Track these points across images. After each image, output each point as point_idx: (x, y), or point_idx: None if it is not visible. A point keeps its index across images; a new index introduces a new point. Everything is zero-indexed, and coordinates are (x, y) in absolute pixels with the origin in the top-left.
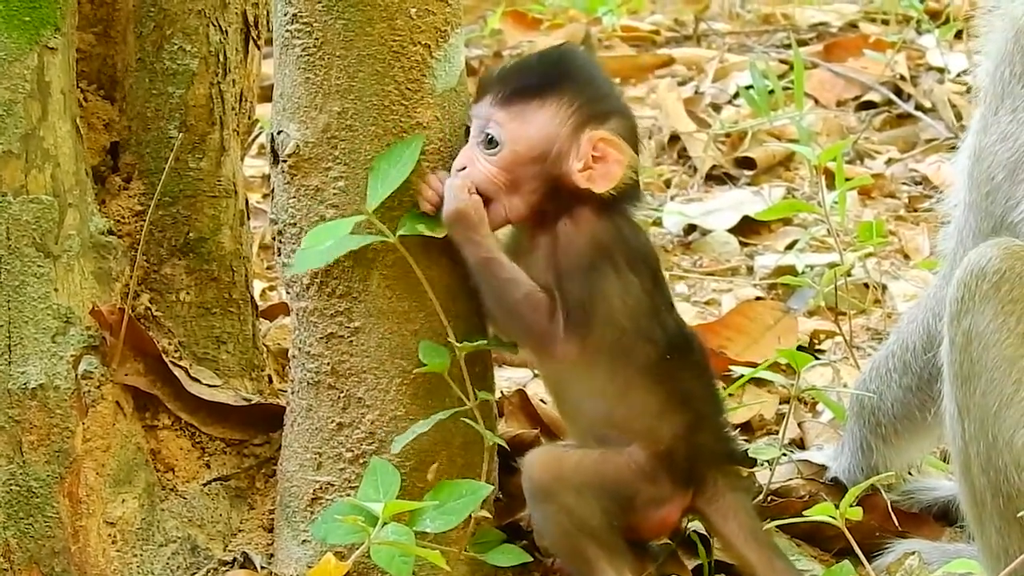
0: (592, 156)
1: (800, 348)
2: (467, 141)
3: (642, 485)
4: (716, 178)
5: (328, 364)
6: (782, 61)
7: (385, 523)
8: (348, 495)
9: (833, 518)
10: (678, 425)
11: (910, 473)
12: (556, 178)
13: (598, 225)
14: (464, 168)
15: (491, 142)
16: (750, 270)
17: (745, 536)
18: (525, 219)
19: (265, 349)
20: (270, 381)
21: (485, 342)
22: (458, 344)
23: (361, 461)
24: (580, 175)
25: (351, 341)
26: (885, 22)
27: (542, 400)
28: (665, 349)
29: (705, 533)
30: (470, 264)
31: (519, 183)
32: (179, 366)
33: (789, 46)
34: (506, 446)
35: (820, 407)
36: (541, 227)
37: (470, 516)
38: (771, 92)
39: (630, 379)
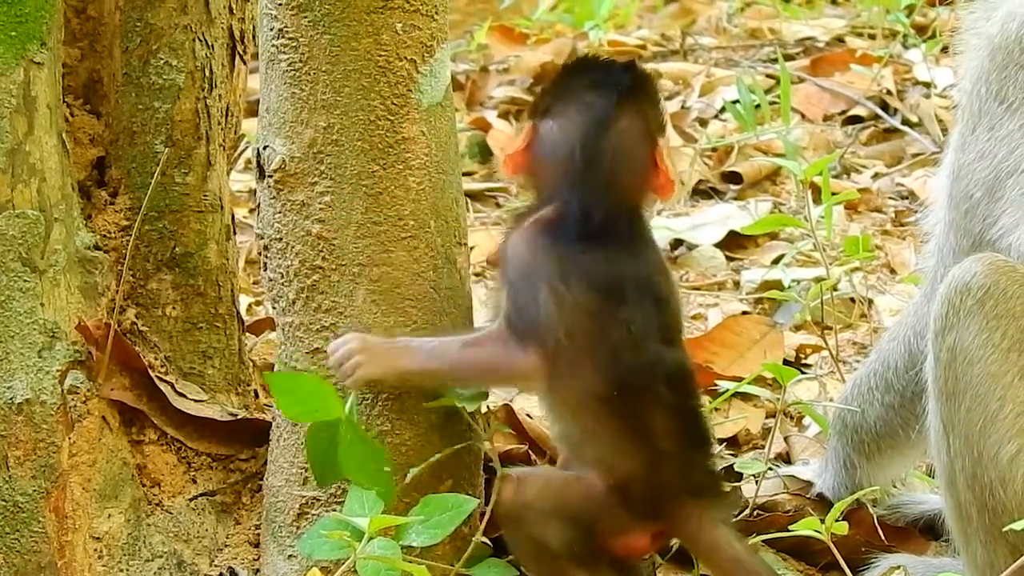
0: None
1: (786, 362)
2: None
3: (602, 512)
4: (703, 192)
5: None
6: (769, 76)
7: (371, 538)
8: (334, 510)
9: (819, 532)
10: (634, 460)
11: (895, 487)
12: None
13: (537, 236)
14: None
15: None
16: (736, 284)
17: (729, 564)
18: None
19: (251, 364)
20: (256, 396)
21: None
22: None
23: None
24: (504, 155)
25: None
26: (872, 37)
27: (528, 415)
28: (623, 379)
29: None
30: (416, 377)
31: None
32: (165, 381)
33: (776, 61)
34: (497, 462)
35: (806, 421)
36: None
37: (456, 530)
38: (757, 106)
39: (584, 404)
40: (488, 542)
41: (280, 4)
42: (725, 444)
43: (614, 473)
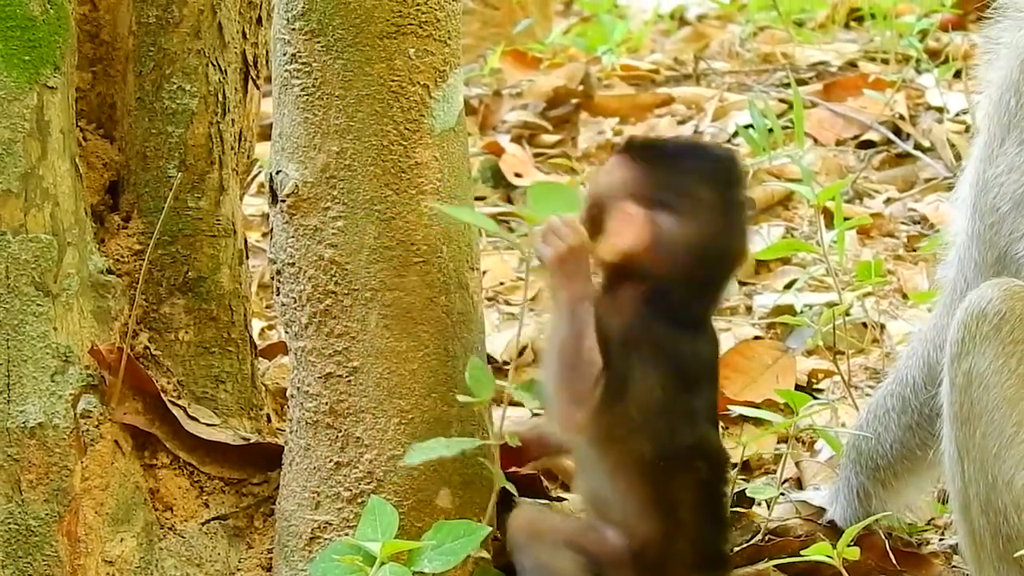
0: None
1: (798, 387)
2: None
3: (611, 565)
4: None
5: (326, 403)
6: (781, 100)
7: (383, 563)
8: (346, 534)
9: (831, 558)
10: (655, 524)
11: (908, 513)
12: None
13: (634, 308)
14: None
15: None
16: (749, 309)
17: None
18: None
19: (264, 388)
20: (269, 420)
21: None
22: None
23: (359, 500)
24: (616, 242)
25: (349, 381)
26: (885, 61)
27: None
28: (673, 453)
29: None
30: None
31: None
32: (178, 405)
33: (788, 85)
34: (514, 489)
35: (818, 446)
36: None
37: (468, 556)
38: (770, 131)
39: (625, 469)
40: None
41: (293, 29)
42: (737, 469)
43: (633, 534)
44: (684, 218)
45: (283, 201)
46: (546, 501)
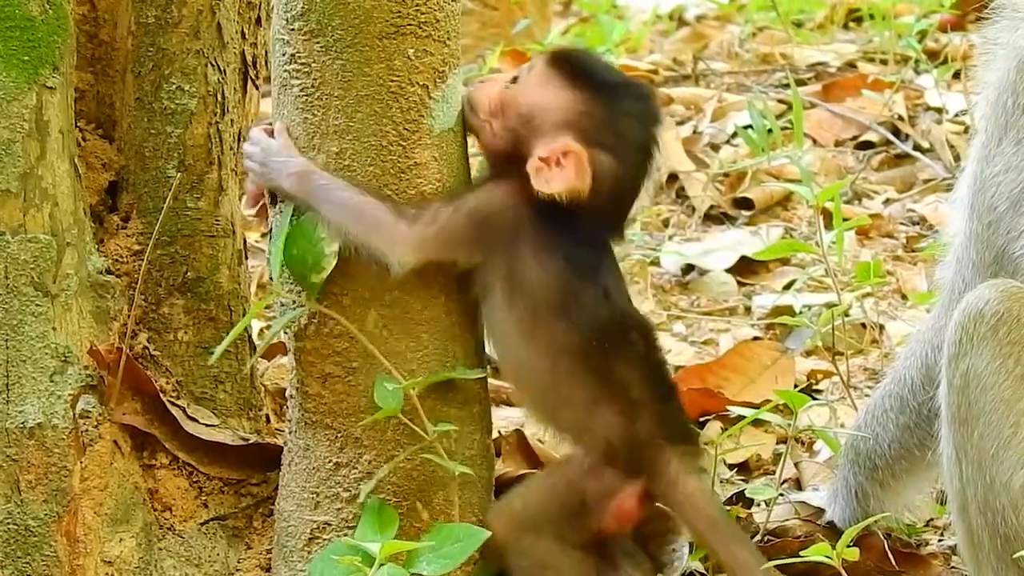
0: (557, 158)
1: (797, 388)
2: None
3: (587, 482)
4: (714, 218)
5: (325, 404)
6: (780, 101)
7: (382, 564)
8: (345, 535)
9: (830, 558)
10: (611, 415)
11: (906, 514)
12: (521, 144)
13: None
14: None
15: (515, 79)
16: (748, 310)
17: (704, 522)
18: (491, 154)
19: (263, 388)
20: (268, 421)
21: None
22: (407, 381)
23: (358, 501)
24: (537, 161)
25: (348, 381)
26: (883, 62)
27: (540, 440)
28: (591, 334)
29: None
30: (301, 195)
31: (504, 122)
32: (177, 405)
33: (787, 86)
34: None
35: (817, 447)
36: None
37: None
38: (769, 132)
39: (557, 362)
40: None
41: (292, 30)
42: (736, 470)
43: (593, 431)
44: (619, 161)
45: (282, 201)
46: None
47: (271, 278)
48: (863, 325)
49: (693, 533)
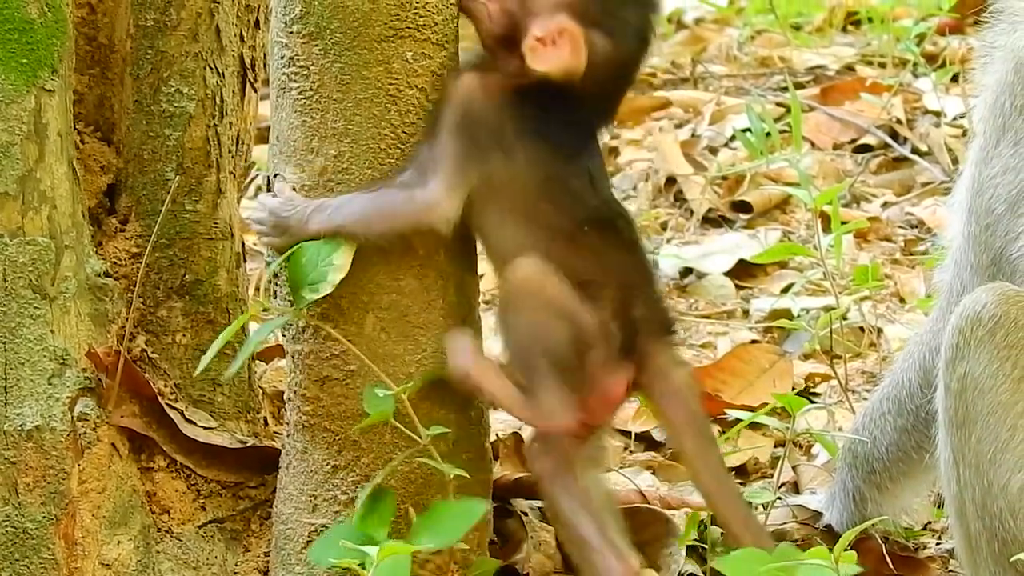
0: (552, 38)
1: (795, 392)
2: None
3: (596, 344)
4: (712, 221)
5: (323, 407)
6: (779, 104)
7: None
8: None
9: (827, 563)
10: (606, 299)
11: (904, 517)
12: (517, 27)
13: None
14: None
15: None
16: (746, 313)
17: (684, 419)
18: (486, 40)
19: (261, 392)
20: (266, 424)
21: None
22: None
23: (356, 504)
24: (532, 40)
25: (346, 384)
26: (882, 65)
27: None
28: (581, 220)
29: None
30: (325, 231)
31: (501, 3)
32: (175, 408)
33: (786, 89)
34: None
35: (815, 451)
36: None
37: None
38: (768, 135)
39: (552, 249)
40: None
41: (291, 32)
42: (734, 473)
43: (600, 306)
44: (615, 44)
45: None
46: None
47: (269, 281)
48: (861, 328)
49: (668, 426)
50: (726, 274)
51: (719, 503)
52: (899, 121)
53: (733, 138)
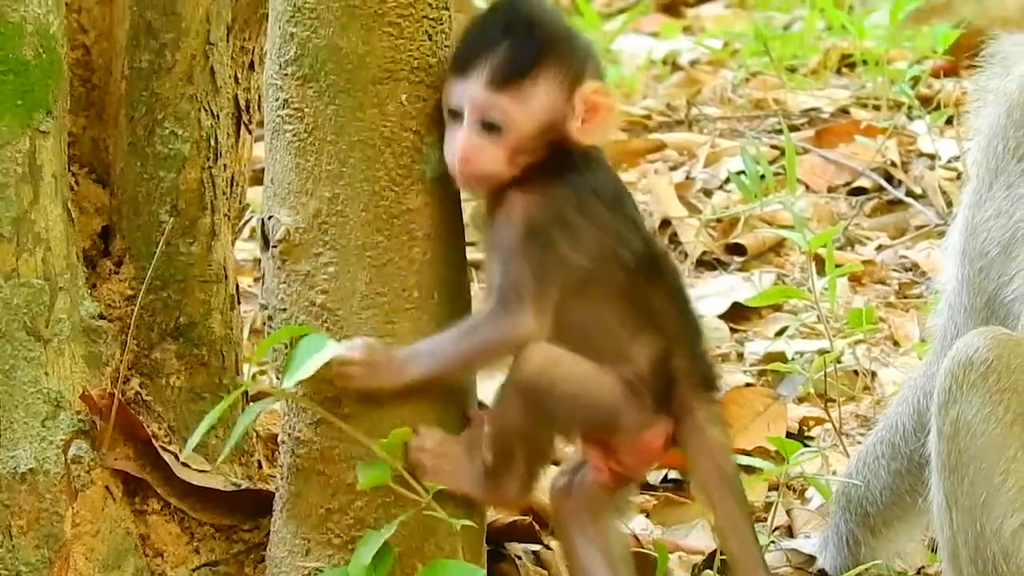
0: (585, 111)
1: (789, 435)
2: (451, 120)
3: (625, 408)
4: (707, 263)
5: (317, 450)
6: (773, 146)
7: None
8: None
9: None
10: (651, 348)
11: (897, 560)
12: (558, 140)
13: (539, 193)
14: (468, 161)
15: (492, 127)
16: (740, 356)
17: (715, 478)
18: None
19: (255, 434)
20: (260, 466)
21: None
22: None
23: (350, 547)
24: (580, 132)
25: (340, 428)
26: (876, 108)
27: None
28: (632, 271)
29: None
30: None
31: (520, 154)
32: (169, 451)
33: (780, 131)
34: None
35: (808, 494)
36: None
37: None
38: (762, 177)
39: (599, 304)
40: None
41: (286, 75)
42: None
43: (637, 363)
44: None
45: (275, 247)
46: (539, 546)
47: (263, 323)
48: (855, 372)
49: (699, 485)
50: (720, 317)
51: (739, 566)
52: (894, 164)
53: (728, 180)
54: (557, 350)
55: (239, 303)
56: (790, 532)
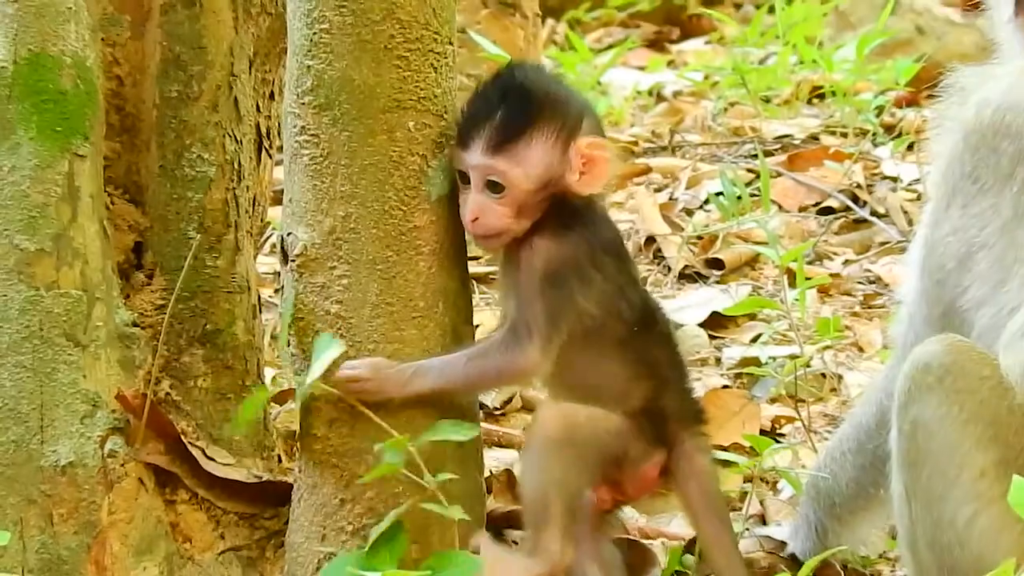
0: (582, 164)
1: (763, 432)
2: (463, 185)
3: (630, 442)
4: (688, 277)
5: (332, 446)
6: (749, 170)
7: None
8: None
9: None
10: (645, 390)
11: (862, 547)
12: (559, 192)
13: (559, 240)
14: (477, 219)
15: (496, 187)
16: (718, 361)
17: (702, 501)
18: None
19: (275, 431)
20: (279, 460)
21: None
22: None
23: (362, 534)
24: (579, 185)
25: (352, 425)
26: (844, 135)
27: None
28: (631, 323)
29: None
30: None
31: (525, 209)
32: (196, 446)
33: (756, 156)
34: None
35: (780, 486)
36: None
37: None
38: (739, 198)
39: (602, 352)
40: None
41: (303, 104)
42: None
43: (633, 404)
44: (596, 127)
45: (293, 261)
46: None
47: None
48: (823, 375)
49: (686, 506)
50: (700, 325)
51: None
52: (859, 186)
53: (707, 201)
54: (567, 404)
55: (260, 312)
56: (763, 520)
